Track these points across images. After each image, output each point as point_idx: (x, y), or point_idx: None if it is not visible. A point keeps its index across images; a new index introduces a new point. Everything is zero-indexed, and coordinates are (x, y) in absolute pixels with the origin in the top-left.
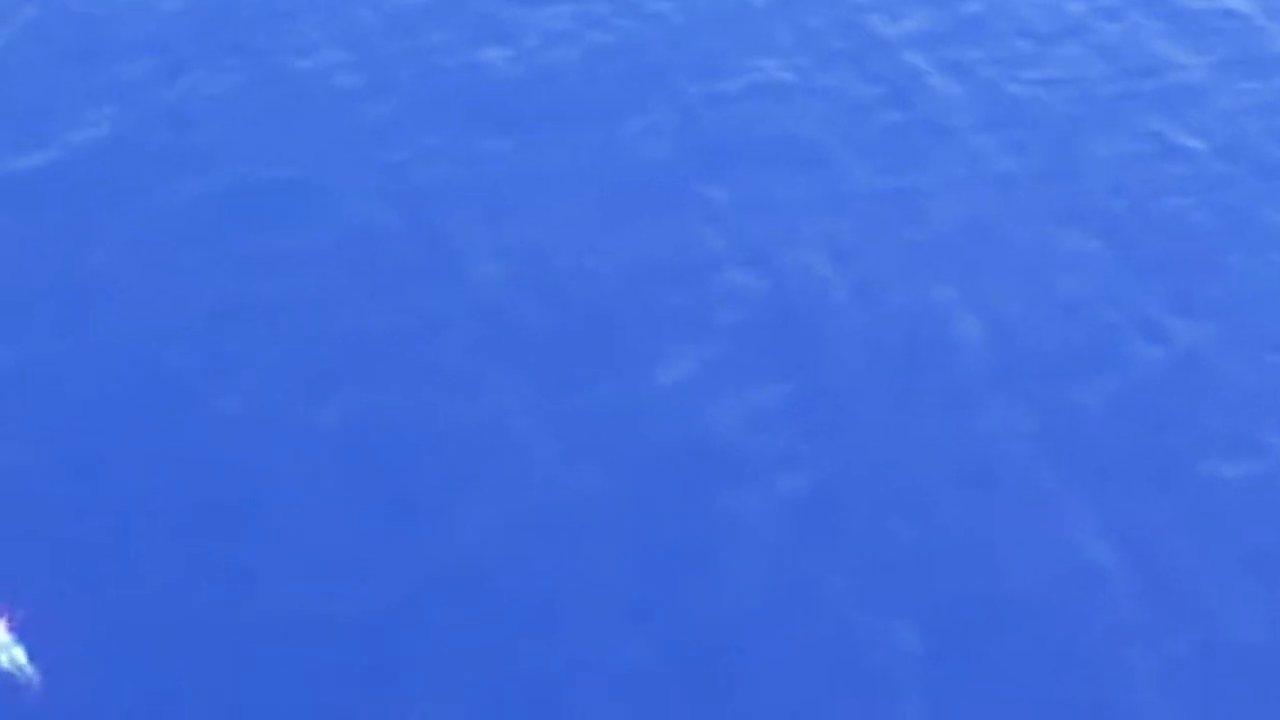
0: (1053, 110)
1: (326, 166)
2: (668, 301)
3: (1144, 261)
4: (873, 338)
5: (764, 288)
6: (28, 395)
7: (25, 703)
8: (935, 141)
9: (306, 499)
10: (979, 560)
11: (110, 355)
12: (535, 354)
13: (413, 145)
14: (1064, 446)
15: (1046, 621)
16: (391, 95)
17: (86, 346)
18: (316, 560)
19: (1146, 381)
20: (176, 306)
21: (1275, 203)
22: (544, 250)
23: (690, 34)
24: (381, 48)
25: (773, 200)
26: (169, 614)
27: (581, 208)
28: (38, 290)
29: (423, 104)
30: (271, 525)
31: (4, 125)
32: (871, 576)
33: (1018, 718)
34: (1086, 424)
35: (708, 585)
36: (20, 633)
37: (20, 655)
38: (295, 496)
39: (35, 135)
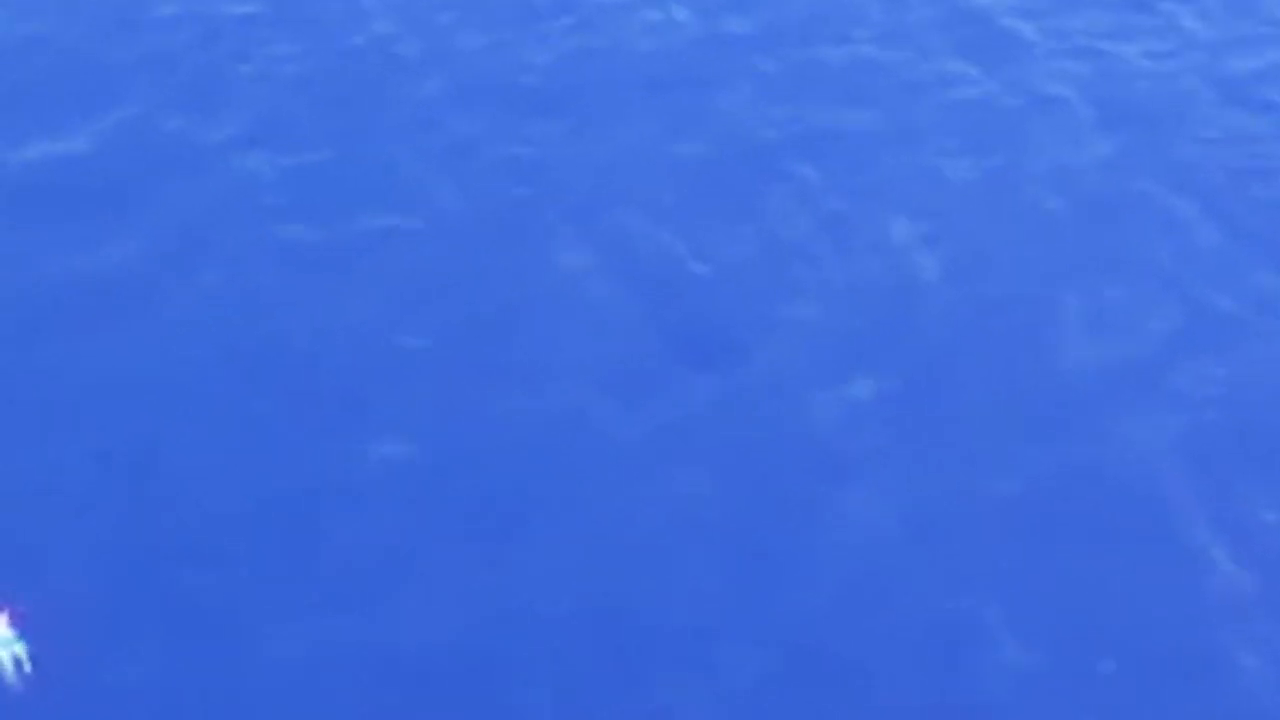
0: (1159, 82)
1: (379, 145)
2: (754, 287)
3: (1253, 243)
4: (972, 323)
5: (853, 273)
6: (40, 389)
7: (26, 700)
8: (1033, 115)
9: (354, 502)
10: (1083, 551)
11: (128, 349)
12: (615, 345)
13: (471, 122)
14: (1169, 434)
15: (1152, 611)
16: (447, 68)
17: (104, 341)
18: (344, 561)
19: (1254, 368)
20: (208, 298)
21: None
22: (619, 234)
23: (770, 3)
24: (436, 18)
25: (862, 180)
26: (174, 613)
27: (659, 188)
28: (56, 281)
29: (482, 78)
30: (321, 528)
31: (44, 101)
32: (971, 568)
33: (1123, 710)
34: (1192, 410)
35: (804, 584)
36: (22, 628)
37: (22, 651)
38: (339, 500)
39: (71, 113)
